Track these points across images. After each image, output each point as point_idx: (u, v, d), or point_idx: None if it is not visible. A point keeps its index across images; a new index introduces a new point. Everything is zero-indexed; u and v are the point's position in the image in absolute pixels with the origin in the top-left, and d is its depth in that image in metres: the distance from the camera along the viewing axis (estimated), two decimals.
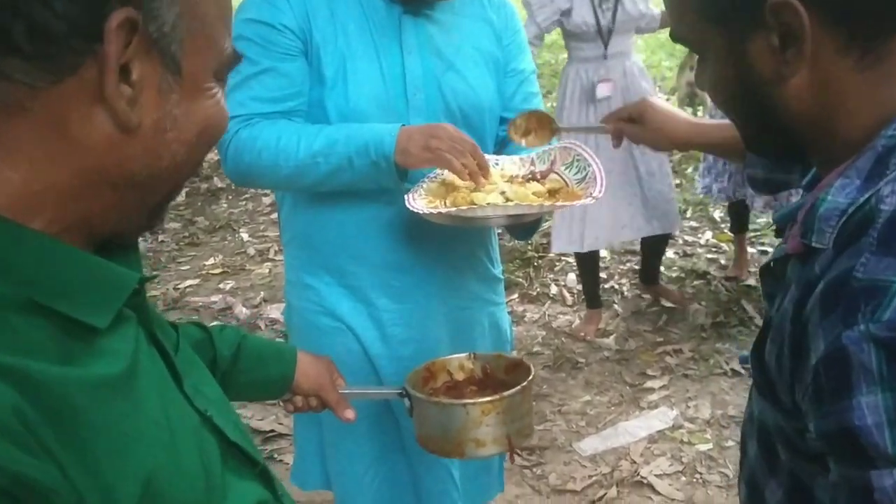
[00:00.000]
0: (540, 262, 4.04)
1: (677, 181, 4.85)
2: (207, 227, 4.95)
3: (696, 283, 3.72)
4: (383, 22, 1.46)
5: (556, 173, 1.47)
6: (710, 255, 3.98)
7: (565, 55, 3.38)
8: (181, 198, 5.36)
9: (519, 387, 1.21)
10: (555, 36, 9.08)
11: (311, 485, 1.74)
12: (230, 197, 5.37)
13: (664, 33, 9.18)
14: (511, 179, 1.46)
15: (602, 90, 3.15)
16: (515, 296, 3.74)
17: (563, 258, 4.07)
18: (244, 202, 5.21)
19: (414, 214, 1.35)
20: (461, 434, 1.19)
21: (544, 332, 3.45)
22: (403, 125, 1.40)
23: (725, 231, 4.07)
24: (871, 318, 0.60)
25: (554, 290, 3.78)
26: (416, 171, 1.42)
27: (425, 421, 1.24)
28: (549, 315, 3.58)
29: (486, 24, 1.57)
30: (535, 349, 3.33)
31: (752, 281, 3.66)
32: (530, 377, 1.25)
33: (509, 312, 3.62)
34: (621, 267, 3.95)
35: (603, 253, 4.08)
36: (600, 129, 1.41)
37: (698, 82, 0.82)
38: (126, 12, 0.56)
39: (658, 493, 2.52)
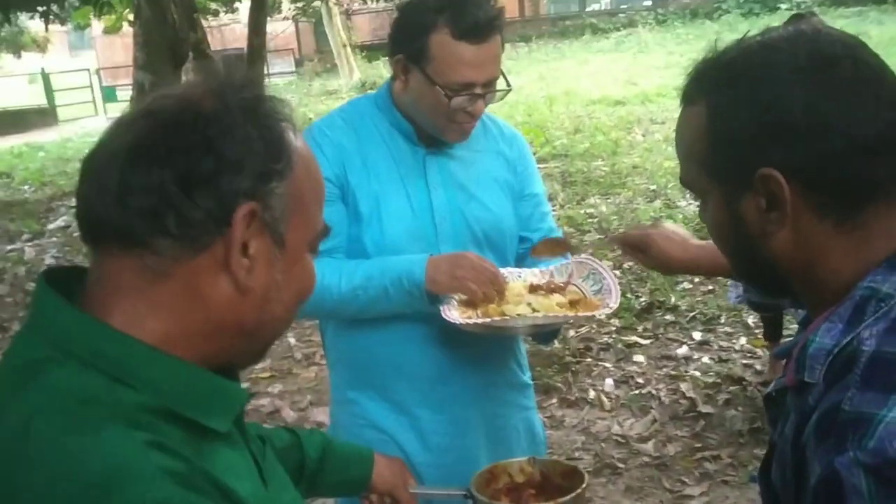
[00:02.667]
0: (577, 367, 4.15)
1: (710, 287, 4.98)
2: None
3: (732, 388, 3.80)
4: (409, 162, 1.67)
5: (575, 285, 1.66)
6: (745, 361, 4.07)
7: None
8: None
9: (573, 494, 1.31)
10: None
11: None
12: None
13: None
14: (534, 290, 1.63)
15: None
16: (554, 400, 3.84)
17: (599, 363, 4.18)
18: None
19: (450, 325, 1.53)
20: None
21: (584, 437, 3.53)
22: (431, 255, 1.59)
23: (759, 336, 4.16)
24: (859, 446, 0.71)
25: (592, 394, 3.87)
26: None
27: None
28: (587, 420, 3.67)
29: (499, 156, 1.78)
30: (576, 454, 3.41)
31: None
32: (584, 485, 1.34)
33: (548, 417, 3.73)
34: (658, 372, 4.04)
35: (639, 358, 4.19)
36: (607, 244, 1.52)
37: (701, 217, 0.95)
38: (250, 206, 0.74)
39: None
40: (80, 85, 21.27)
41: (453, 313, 1.54)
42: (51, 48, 26.50)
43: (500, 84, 1.67)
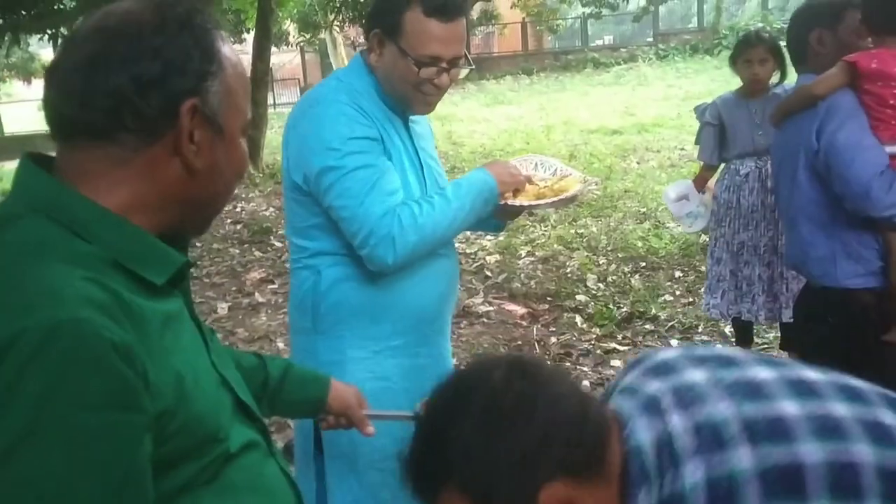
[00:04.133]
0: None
1: (690, 299, 5.09)
2: (247, 338, 5.26)
3: None
4: (402, 129, 1.94)
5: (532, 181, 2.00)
6: None
7: None
8: (224, 311, 5.72)
9: None
10: None
11: None
12: (269, 311, 5.70)
13: None
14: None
15: None
16: None
17: (578, 367, 4.28)
18: (282, 315, 5.53)
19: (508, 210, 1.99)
20: None
21: None
22: (484, 168, 1.95)
23: (734, 344, 4.26)
24: None
25: None
26: None
27: None
28: None
29: (427, 128, 2.12)
30: None
31: None
32: None
33: None
34: None
35: (617, 363, 4.30)
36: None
37: None
38: (192, 101, 0.92)
39: None
40: None
41: (516, 201, 1.94)
42: None
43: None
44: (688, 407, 0.98)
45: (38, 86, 26.06)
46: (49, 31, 10.24)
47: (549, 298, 5.33)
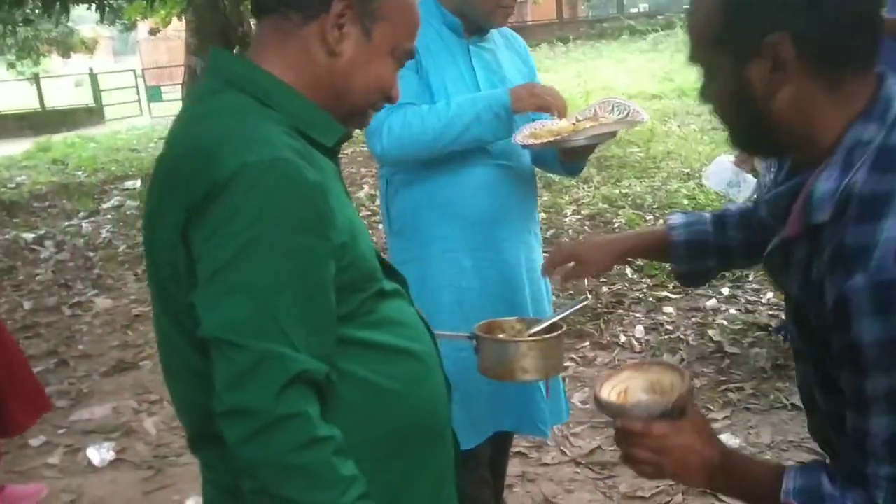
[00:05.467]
0: (610, 317, 4.36)
1: None
2: None
3: (757, 333, 3.98)
4: (458, 50, 2.11)
5: (604, 117, 1.97)
6: (771, 312, 4.23)
7: None
8: None
9: (554, 334, 1.66)
10: None
11: None
12: None
13: None
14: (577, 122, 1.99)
15: None
16: (587, 344, 4.05)
17: (631, 313, 4.37)
18: None
19: (525, 150, 2.03)
20: (512, 363, 1.62)
21: None
22: (508, 88, 2.00)
23: None
24: (864, 269, 0.92)
25: (623, 339, 4.08)
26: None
27: (487, 355, 1.67)
28: (618, 359, 3.87)
29: (513, 51, 2.24)
30: None
31: None
32: (563, 329, 1.69)
33: (581, 357, 3.92)
34: (686, 321, 4.23)
35: (669, 310, 4.38)
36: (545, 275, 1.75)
37: (701, 96, 1.11)
38: None
39: (721, 500, 2.74)
40: (126, 86, 21.85)
41: (528, 140, 1.93)
42: (96, 52, 27.15)
43: None
44: None
45: (76, 60, 26.40)
46: (95, 1, 10.44)
47: None
